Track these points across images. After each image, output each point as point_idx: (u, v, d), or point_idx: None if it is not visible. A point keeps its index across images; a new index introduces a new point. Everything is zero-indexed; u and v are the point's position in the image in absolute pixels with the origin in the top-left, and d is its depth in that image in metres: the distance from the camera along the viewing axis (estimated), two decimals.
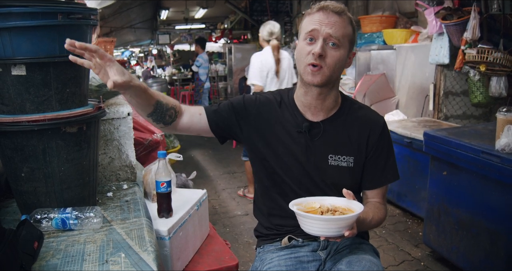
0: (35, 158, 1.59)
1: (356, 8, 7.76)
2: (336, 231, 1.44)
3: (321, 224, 1.44)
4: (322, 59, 1.62)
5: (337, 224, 1.43)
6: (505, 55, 3.73)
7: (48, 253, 1.45)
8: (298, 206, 1.56)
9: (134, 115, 2.28)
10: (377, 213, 1.76)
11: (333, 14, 1.63)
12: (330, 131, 1.77)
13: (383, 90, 5.46)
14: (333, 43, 1.62)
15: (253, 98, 1.84)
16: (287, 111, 1.80)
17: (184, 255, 2.14)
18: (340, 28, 1.63)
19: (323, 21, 1.62)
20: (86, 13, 1.63)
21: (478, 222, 2.91)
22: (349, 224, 1.45)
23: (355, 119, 1.79)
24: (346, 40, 1.66)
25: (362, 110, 1.83)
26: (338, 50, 1.64)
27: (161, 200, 2.05)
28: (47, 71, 1.54)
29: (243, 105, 1.82)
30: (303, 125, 1.76)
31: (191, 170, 3.09)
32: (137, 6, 11.39)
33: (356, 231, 1.49)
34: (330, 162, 1.76)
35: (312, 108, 1.76)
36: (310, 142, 1.76)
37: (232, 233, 4.25)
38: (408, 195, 4.31)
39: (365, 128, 1.78)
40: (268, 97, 1.85)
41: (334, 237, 1.48)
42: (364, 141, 1.78)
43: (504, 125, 2.68)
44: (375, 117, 1.83)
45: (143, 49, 24.47)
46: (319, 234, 1.47)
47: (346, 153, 1.77)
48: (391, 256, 3.66)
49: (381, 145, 1.80)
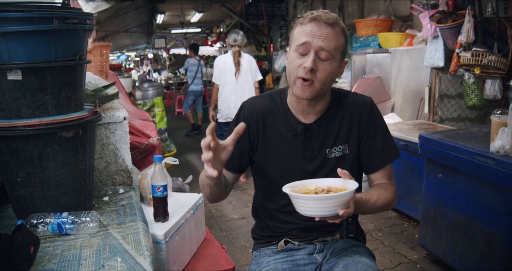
0: (31, 163, 1.59)
1: (351, 11, 7.78)
2: (330, 210, 1.39)
3: (314, 204, 1.41)
4: (313, 73, 1.60)
5: (330, 203, 1.38)
6: (499, 58, 3.75)
7: (44, 258, 1.45)
8: (293, 189, 1.52)
9: (130, 119, 2.28)
10: (383, 193, 1.72)
11: (325, 26, 1.59)
12: (324, 129, 1.78)
13: (379, 94, 5.47)
14: (324, 56, 1.60)
15: (244, 116, 1.83)
16: (280, 116, 1.80)
17: (180, 259, 2.14)
18: (332, 41, 1.60)
19: (315, 34, 1.59)
20: (82, 18, 1.63)
21: (473, 224, 2.92)
22: (344, 202, 1.40)
23: (343, 108, 1.79)
24: (339, 52, 1.64)
25: (349, 97, 1.83)
26: (330, 64, 1.62)
27: (157, 204, 2.05)
28: (43, 76, 1.54)
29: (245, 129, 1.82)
30: (298, 128, 1.76)
31: (187, 173, 3.09)
32: (133, 10, 11.39)
33: (352, 210, 1.42)
34: (328, 156, 1.77)
35: (305, 113, 1.77)
36: (307, 143, 1.77)
37: (228, 236, 4.25)
38: (404, 197, 4.31)
39: (355, 113, 1.78)
40: (257, 106, 1.84)
41: (329, 217, 1.43)
42: (355, 125, 1.78)
43: (499, 128, 2.69)
44: (362, 99, 1.82)
45: (139, 53, 24.50)
46: (313, 215, 1.42)
47: (341, 142, 1.78)
48: (388, 258, 3.66)
49: (374, 124, 1.80)
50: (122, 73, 9.39)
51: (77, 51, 1.63)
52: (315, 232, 1.81)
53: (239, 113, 1.86)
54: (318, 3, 9.03)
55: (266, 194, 1.88)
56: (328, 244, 1.83)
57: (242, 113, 1.85)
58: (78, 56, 1.62)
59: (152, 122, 3.94)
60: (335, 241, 1.84)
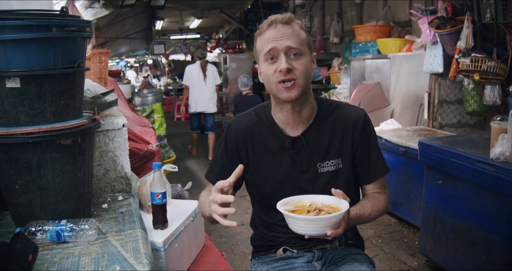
0: (30, 170, 1.59)
1: (350, 17, 7.81)
2: (318, 230, 1.45)
3: (303, 224, 1.46)
4: (291, 73, 1.60)
5: (318, 224, 1.44)
6: (498, 63, 3.76)
7: (43, 265, 1.45)
8: (287, 205, 1.57)
9: (129, 125, 2.28)
10: (376, 205, 1.74)
11: (283, 26, 1.61)
12: (313, 141, 1.75)
13: (378, 99, 5.48)
14: (294, 54, 1.61)
15: (231, 136, 1.83)
16: (267, 131, 1.78)
17: (179, 267, 2.13)
18: (295, 37, 1.61)
19: (277, 37, 1.60)
20: (80, 26, 1.63)
21: (473, 231, 2.91)
22: (332, 224, 1.45)
23: (334, 120, 1.77)
24: (305, 45, 1.64)
25: (340, 109, 1.80)
26: (302, 58, 1.62)
27: (156, 211, 2.04)
28: (41, 83, 1.54)
29: (225, 151, 1.83)
30: (286, 142, 1.74)
31: (186, 180, 3.08)
32: (132, 16, 11.43)
33: (341, 231, 1.46)
34: (320, 170, 1.75)
35: (291, 122, 1.74)
36: (296, 156, 1.75)
37: (227, 243, 4.24)
38: (404, 204, 4.31)
39: (347, 126, 1.76)
40: (242, 124, 1.82)
41: (318, 236, 1.48)
42: (349, 139, 1.76)
43: (499, 134, 2.69)
44: (354, 112, 1.80)
45: (138, 59, 24.53)
46: (302, 233, 1.48)
47: (333, 157, 1.76)
48: (387, 265, 3.65)
49: (367, 136, 1.79)
50: (122, 79, 9.41)
51: (76, 59, 1.63)
52: (313, 240, 1.80)
53: (226, 133, 1.85)
54: (317, 9, 9.06)
55: (262, 209, 1.87)
56: (327, 251, 1.82)
57: (229, 133, 1.84)
58: (76, 63, 1.62)
59: (152, 128, 3.93)
60: (334, 249, 1.83)
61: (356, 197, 1.86)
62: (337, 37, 8.00)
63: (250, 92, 7.62)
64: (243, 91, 7.57)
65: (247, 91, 7.54)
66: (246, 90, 7.55)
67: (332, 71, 7.40)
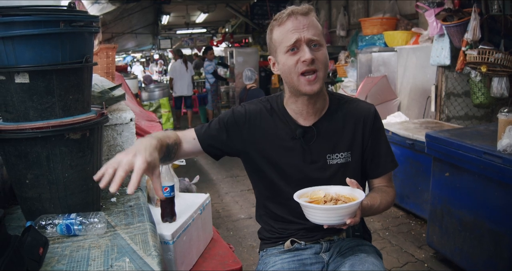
0: (39, 165, 1.61)
1: (356, 10, 7.77)
2: (338, 219, 1.48)
3: (323, 214, 1.48)
4: (314, 63, 1.61)
5: (338, 213, 1.47)
6: (506, 55, 3.73)
7: (53, 258, 1.46)
8: (303, 196, 1.59)
9: (136, 120, 2.29)
10: (385, 197, 1.76)
11: (303, 17, 1.61)
12: (323, 132, 1.76)
13: (385, 92, 5.46)
14: (315, 44, 1.62)
15: (243, 111, 1.81)
16: (278, 119, 1.79)
17: (188, 259, 2.15)
18: (315, 28, 1.63)
19: (298, 28, 1.60)
20: (87, 21, 1.64)
21: (481, 223, 2.91)
22: (351, 212, 1.48)
23: (346, 114, 1.78)
24: (322, 36, 1.66)
25: (351, 103, 1.82)
26: (322, 48, 1.64)
27: (165, 204, 2.06)
28: (50, 78, 1.56)
29: (234, 120, 1.80)
30: (297, 131, 1.75)
31: (194, 174, 3.10)
32: (138, 11, 11.42)
33: (358, 219, 1.51)
34: (329, 162, 1.76)
35: (304, 113, 1.75)
36: (306, 146, 1.75)
37: (235, 236, 4.26)
38: (411, 196, 4.31)
39: (358, 120, 1.78)
40: (257, 107, 1.82)
41: (337, 225, 1.51)
42: (359, 133, 1.77)
43: (506, 126, 2.69)
44: (365, 107, 1.82)
45: (144, 54, 24.54)
46: (322, 223, 1.50)
47: (343, 149, 1.77)
48: (395, 257, 3.66)
49: (377, 131, 1.80)
50: (128, 74, 9.44)
51: (84, 54, 1.64)
52: (321, 232, 1.81)
53: (237, 108, 1.83)
54: (323, 2, 9.02)
55: (268, 197, 1.86)
56: (334, 243, 1.83)
57: (239, 110, 1.82)
58: (84, 58, 1.64)
59: (159, 123, 3.94)
60: (341, 240, 1.84)
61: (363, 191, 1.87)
62: (344, 30, 7.97)
63: (254, 85, 7.62)
64: (247, 85, 7.57)
65: (251, 85, 7.54)
66: (250, 84, 7.56)
67: (338, 64, 7.39)
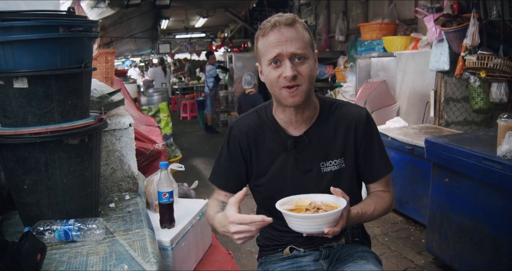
0: (38, 170, 1.60)
1: (355, 15, 7.79)
2: (316, 227, 1.46)
3: (301, 222, 1.47)
4: (295, 79, 1.57)
5: (316, 222, 1.45)
6: (505, 61, 3.74)
7: (51, 265, 1.46)
8: (288, 204, 1.58)
9: (135, 125, 2.29)
10: (379, 203, 1.73)
11: (287, 28, 1.55)
12: (315, 141, 1.74)
13: (384, 98, 5.46)
14: (299, 58, 1.57)
15: (234, 138, 1.80)
16: (269, 130, 1.77)
17: (186, 266, 2.14)
18: (299, 41, 1.57)
19: (281, 41, 1.55)
20: (87, 26, 1.64)
21: (480, 229, 2.90)
22: (330, 221, 1.45)
23: (337, 119, 1.76)
24: (309, 47, 1.61)
25: (343, 108, 1.79)
26: (307, 62, 1.59)
27: (163, 210, 2.05)
28: (48, 83, 1.55)
29: (233, 150, 1.80)
30: (288, 142, 1.73)
31: (192, 179, 3.08)
32: (137, 16, 11.44)
33: (338, 229, 1.45)
34: (323, 170, 1.74)
35: (294, 123, 1.73)
36: (299, 156, 1.74)
37: (234, 242, 4.21)
38: (410, 202, 4.30)
39: (350, 125, 1.75)
40: (244, 125, 1.80)
41: (316, 233, 1.48)
42: (351, 138, 1.75)
43: (505, 132, 2.68)
44: (357, 111, 1.78)
45: (143, 59, 24.57)
46: (301, 231, 1.49)
47: (336, 156, 1.74)
48: (394, 263, 3.65)
49: (370, 135, 1.77)
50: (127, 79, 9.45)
51: (83, 59, 1.64)
52: (319, 239, 1.79)
53: (229, 135, 1.83)
54: (322, 7, 9.04)
55: (266, 209, 1.85)
56: (333, 249, 1.82)
57: (232, 135, 1.82)
58: (83, 63, 1.63)
59: (158, 127, 3.94)
60: (340, 246, 1.83)
61: (359, 196, 1.86)
62: (343, 35, 7.99)
63: (253, 91, 7.61)
64: (246, 89, 7.56)
65: (250, 90, 7.53)
66: (249, 88, 7.54)
67: (337, 69, 7.39)
